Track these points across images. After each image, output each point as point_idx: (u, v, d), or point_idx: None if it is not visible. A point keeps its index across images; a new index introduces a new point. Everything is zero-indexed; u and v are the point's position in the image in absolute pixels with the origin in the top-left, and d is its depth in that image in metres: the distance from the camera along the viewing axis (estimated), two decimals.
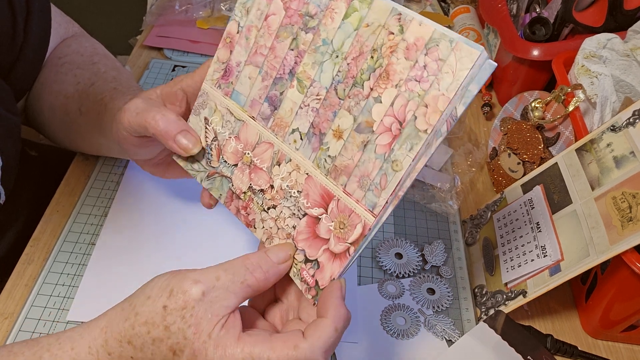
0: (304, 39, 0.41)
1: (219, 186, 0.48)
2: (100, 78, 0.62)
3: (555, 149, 0.67)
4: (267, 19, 0.43)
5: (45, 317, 0.54)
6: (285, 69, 0.42)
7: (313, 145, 0.41)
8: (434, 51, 0.34)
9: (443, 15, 1.00)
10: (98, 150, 0.64)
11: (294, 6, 0.41)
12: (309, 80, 0.41)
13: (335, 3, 0.39)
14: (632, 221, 0.50)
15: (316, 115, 0.41)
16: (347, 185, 0.39)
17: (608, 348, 0.59)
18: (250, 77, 0.44)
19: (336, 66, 0.39)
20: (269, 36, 0.43)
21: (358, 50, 0.38)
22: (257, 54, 0.44)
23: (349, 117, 0.39)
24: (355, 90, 0.38)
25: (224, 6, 0.92)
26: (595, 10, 0.74)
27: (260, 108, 0.44)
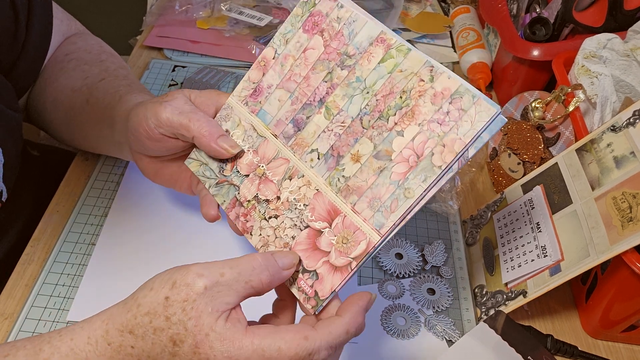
0: (339, 74, 0.45)
1: (224, 193, 0.49)
2: (110, 75, 0.62)
3: (556, 149, 0.67)
4: (305, 52, 0.47)
5: (45, 318, 0.54)
6: (316, 97, 0.46)
7: (329, 165, 0.44)
8: (458, 101, 0.39)
9: (443, 16, 1.00)
10: (97, 145, 0.63)
11: (334, 45, 0.46)
12: (337, 109, 0.44)
13: (373, 49, 0.43)
14: (632, 221, 0.50)
15: (337, 140, 0.44)
16: (357, 204, 0.42)
17: (608, 348, 0.59)
18: (280, 100, 0.48)
19: (365, 100, 0.43)
20: (305, 67, 0.47)
21: (389, 90, 0.42)
22: (291, 81, 0.48)
23: (370, 144, 0.42)
24: (380, 122, 0.42)
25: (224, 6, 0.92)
26: (595, 10, 0.74)
27: (285, 128, 0.47)
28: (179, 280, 0.37)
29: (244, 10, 0.92)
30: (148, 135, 0.50)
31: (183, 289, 0.37)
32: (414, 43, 0.96)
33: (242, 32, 0.92)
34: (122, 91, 0.59)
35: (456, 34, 0.94)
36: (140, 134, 0.50)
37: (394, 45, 0.42)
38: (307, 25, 0.47)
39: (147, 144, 0.51)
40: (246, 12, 0.92)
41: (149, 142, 0.51)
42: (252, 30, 0.92)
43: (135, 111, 0.51)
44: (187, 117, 0.48)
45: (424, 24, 0.97)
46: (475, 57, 0.88)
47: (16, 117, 0.59)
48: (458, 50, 0.93)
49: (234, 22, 0.92)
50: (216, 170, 0.51)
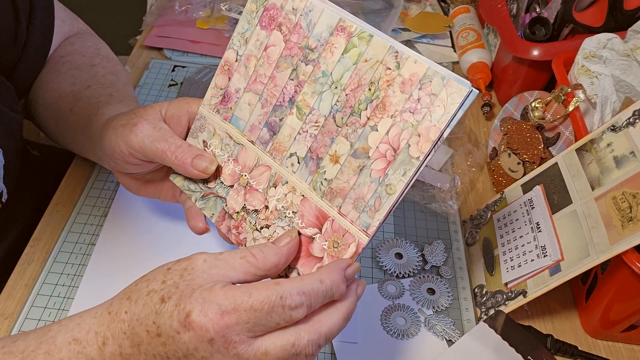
0: (304, 70, 0.43)
1: (212, 206, 0.49)
2: (96, 82, 0.62)
3: (555, 149, 0.67)
4: (267, 50, 0.45)
5: (45, 318, 0.54)
6: (285, 97, 0.44)
7: (310, 168, 0.43)
8: (428, 86, 0.37)
9: (443, 15, 1.00)
10: (83, 152, 0.63)
11: (293, 39, 0.44)
12: (308, 108, 0.43)
13: (335, 39, 0.41)
14: (632, 221, 0.50)
15: (314, 141, 0.43)
16: (342, 207, 0.41)
17: (608, 348, 0.59)
18: (249, 104, 0.47)
19: (335, 96, 0.42)
20: (269, 66, 0.45)
21: (356, 83, 0.41)
22: (257, 82, 0.46)
23: (346, 143, 0.41)
24: (353, 118, 0.41)
25: (224, 6, 0.92)
26: (595, 10, 0.74)
27: (260, 133, 0.46)
28: (183, 258, 0.40)
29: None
30: (124, 160, 0.50)
31: (185, 262, 0.39)
32: (414, 43, 0.96)
33: None
34: (101, 102, 0.58)
35: (456, 34, 0.94)
36: (117, 159, 0.51)
37: (354, 33, 0.40)
38: (263, 21, 0.45)
39: (125, 167, 0.52)
40: None
41: (127, 165, 0.51)
42: None
43: (107, 134, 0.51)
44: (156, 146, 0.48)
45: (423, 24, 0.97)
46: (475, 57, 0.88)
47: (17, 118, 0.58)
48: (458, 50, 0.93)
49: (233, 22, 0.92)
50: (200, 183, 0.50)
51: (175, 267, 0.39)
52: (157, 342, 0.37)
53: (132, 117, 0.50)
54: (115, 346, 0.38)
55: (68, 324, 0.40)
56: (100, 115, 0.56)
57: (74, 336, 0.39)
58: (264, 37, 0.45)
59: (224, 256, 0.39)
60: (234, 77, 0.47)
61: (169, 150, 0.48)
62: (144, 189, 0.56)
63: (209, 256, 0.39)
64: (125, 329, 0.38)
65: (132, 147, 0.49)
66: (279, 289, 0.36)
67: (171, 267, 0.39)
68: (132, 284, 0.40)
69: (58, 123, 0.62)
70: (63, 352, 0.38)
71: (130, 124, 0.49)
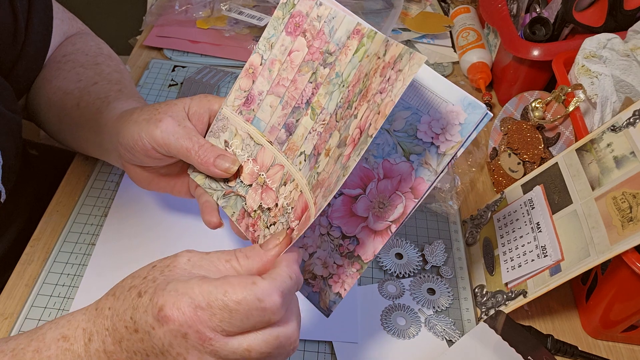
0: (322, 72, 0.45)
1: (232, 204, 0.50)
2: (103, 79, 0.62)
3: (556, 149, 0.67)
4: (291, 54, 0.47)
5: (45, 318, 0.54)
6: (303, 99, 0.46)
7: (311, 164, 0.43)
8: (398, 64, 0.37)
9: (443, 15, 1.00)
10: (86, 148, 0.63)
11: (316, 44, 0.45)
12: (319, 108, 0.44)
13: (350, 42, 0.43)
14: (632, 221, 0.50)
15: (319, 139, 0.43)
16: (317, 197, 0.41)
17: (608, 348, 0.59)
18: (271, 106, 0.48)
19: (340, 94, 0.43)
20: (292, 70, 0.47)
21: (357, 78, 0.41)
22: (280, 85, 0.47)
23: (337, 135, 0.41)
24: (348, 112, 0.41)
25: (224, 6, 0.92)
26: (595, 10, 0.74)
27: (278, 134, 0.47)
28: (170, 256, 0.39)
29: (244, 10, 0.92)
30: (146, 153, 0.50)
31: (170, 259, 0.39)
32: (414, 43, 0.96)
33: (241, 32, 0.92)
34: (111, 97, 0.58)
35: (456, 34, 0.94)
36: (137, 152, 0.51)
37: (365, 34, 0.42)
38: (289, 27, 0.47)
39: (144, 160, 0.52)
40: (246, 12, 0.92)
41: (147, 159, 0.52)
42: (251, 30, 0.92)
43: (126, 127, 0.51)
44: (181, 143, 0.49)
45: (424, 24, 0.97)
46: (475, 57, 0.88)
47: (16, 118, 0.58)
48: (458, 50, 0.93)
49: (233, 22, 0.92)
50: (222, 182, 0.51)
51: (159, 265, 0.39)
52: (135, 338, 0.36)
53: (154, 112, 0.50)
54: (99, 342, 0.37)
55: (59, 321, 0.40)
56: (111, 109, 0.56)
57: (63, 333, 0.38)
58: (288, 43, 0.47)
59: (209, 256, 0.39)
60: (258, 80, 0.49)
61: (193, 149, 0.49)
62: (156, 182, 0.56)
63: (194, 255, 0.39)
64: (108, 325, 0.37)
65: (156, 142, 0.49)
66: (257, 290, 0.35)
67: (156, 265, 0.39)
68: (122, 279, 0.40)
69: (62, 120, 0.62)
70: (52, 349, 0.38)
71: (154, 119, 0.50)
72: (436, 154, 0.41)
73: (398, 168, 0.42)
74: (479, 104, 0.39)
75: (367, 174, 0.42)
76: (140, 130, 0.50)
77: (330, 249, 0.44)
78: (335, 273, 0.45)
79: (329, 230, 0.44)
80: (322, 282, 0.45)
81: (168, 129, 0.49)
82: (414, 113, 0.41)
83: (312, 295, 0.46)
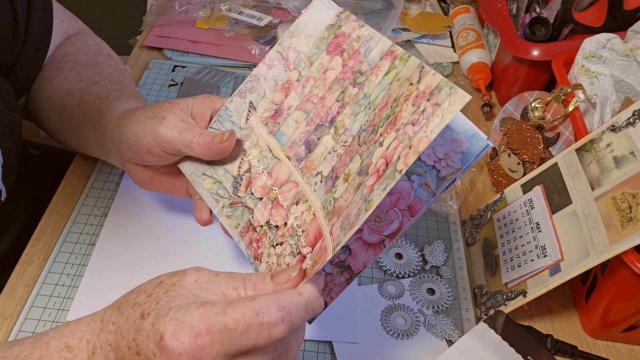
0: (350, 92, 0.44)
1: (239, 215, 0.49)
2: (104, 78, 0.62)
3: (555, 149, 0.67)
4: (325, 73, 0.47)
5: (45, 318, 0.54)
6: (328, 117, 0.45)
7: (327, 187, 0.43)
8: (436, 97, 0.36)
9: (443, 16, 1.00)
10: (87, 148, 0.63)
11: (350, 64, 0.45)
12: (343, 129, 0.44)
13: (382, 62, 0.43)
14: (632, 221, 0.50)
15: (338, 161, 0.43)
16: (334, 226, 0.39)
17: (608, 348, 0.59)
18: (297, 121, 0.47)
19: (366, 116, 0.42)
20: (323, 87, 0.46)
21: (385, 102, 0.41)
22: (308, 102, 0.47)
23: (359, 161, 0.41)
24: (372, 137, 0.40)
25: (224, 6, 0.92)
26: (595, 10, 0.74)
27: (298, 150, 0.47)
28: (179, 272, 0.38)
29: (244, 10, 0.92)
30: (149, 151, 0.50)
31: (177, 276, 0.38)
32: (413, 43, 0.96)
33: (241, 32, 0.92)
34: (112, 96, 0.58)
35: (456, 34, 0.94)
36: (139, 149, 0.51)
37: (398, 55, 0.41)
38: (330, 46, 0.47)
39: (146, 158, 0.52)
40: (246, 12, 0.92)
41: (150, 157, 0.51)
42: (252, 30, 0.92)
43: (128, 126, 0.51)
44: (186, 135, 0.49)
45: (423, 24, 0.97)
46: (475, 57, 0.88)
47: (15, 117, 0.58)
48: (458, 50, 0.93)
49: (233, 22, 0.92)
50: (230, 190, 0.50)
51: (166, 282, 0.38)
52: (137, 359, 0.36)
53: (158, 110, 0.51)
54: (102, 357, 0.37)
55: (63, 329, 0.39)
56: (112, 109, 0.56)
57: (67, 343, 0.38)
58: (326, 62, 0.47)
59: (218, 280, 0.38)
60: (291, 95, 0.48)
61: (195, 138, 0.49)
62: (157, 182, 0.56)
63: (203, 276, 0.38)
64: (112, 341, 0.37)
65: (160, 139, 0.49)
66: (255, 305, 0.34)
67: (163, 281, 0.38)
68: (127, 292, 0.39)
69: (62, 120, 0.62)
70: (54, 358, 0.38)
71: (158, 117, 0.50)
72: (436, 177, 0.41)
73: (399, 186, 0.42)
74: (481, 136, 0.39)
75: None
76: (144, 128, 0.50)
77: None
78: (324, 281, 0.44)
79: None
80: None
81: (172, 124, 0.49)
82: None
83: None
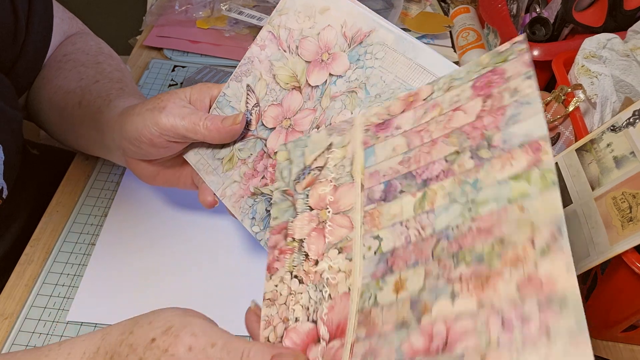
0: (463, 160, 0.34)
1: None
2: (105, 77, 0.62)
3: (555, 149, 0.67)
4: (456, 111, 0.36)
5: (45, 318, 0.54)
6: (425, 174, 0.35)
7: (377, 271, 0.35)
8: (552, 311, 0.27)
9: (443, 16, 1.00)
10: (88, 147, 0.64)
11: (486, 120, 0.34)
12: (430, 206, 0.34)
13: (519, 153, 0.31)
14: (632, 221, 0.50)
15: (402, 248, 0.34)
16: (357, 343, 0.33)
17: (608, 348, 0.59)
18: (394, 149, 0.38)
19: (459, 219, 0.32)
20: (443, 129, 0.36)
21: (489, 225, 0.30)
22: (418, 135, 0.37)
23: (420, 282, 0.32)
24: (449, 262, 0.31)
25: (224, 6, 0.92)
26: (595, 10, 0.74)
27: (375, 185, 0.38)
28: (173, 329, 0.36)
29: (244, 10, 0.92)
30: (152, 143, 0.50)
31: (171, 340, 0.36)
32: None
33: (242, 32, 0.92)
34: (113, 95, 0.59)
35: (456, 34, 0.94)
36: (142, 142, 0.51)
37: (542, 166, 0.30)
38: (480, 80, 0.36)
39: (150, 151, 0.52)
40: (246, 12, 0.92)
41: (153, 149, 0.51)
42: (252, 30, 0.92)
43: (129, 121, 0.51)
44: (190, 118, 0.49)
45: (423, 24, 0.97)
46: (475, 57, 0.88)
47: (16, 115, 0.59)
48: (458, 50, 0.93)
49: (233, 22, 0.92)
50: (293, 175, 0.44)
51: (159, 344, 0.36)
52: None
53: (157, 101, 0.51)
54: None
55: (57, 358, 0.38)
56: (113, 107, 0.56)
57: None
58: (464, 97, 0.36)
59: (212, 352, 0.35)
60: (407, 113, 0.39)
61: (201, 120, 0.49)
62: (162, 175, 0.56)
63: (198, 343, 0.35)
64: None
65: (162, 128, 0.49)
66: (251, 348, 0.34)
67: (155, 340, 0.36)
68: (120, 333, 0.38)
69: (63, 119, 0.62)
70: None
71: (158, 107, 0.50)
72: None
73: None
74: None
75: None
76: (145, 120, 0.50)
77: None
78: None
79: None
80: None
81: (173, 112, 0.49)
82: None
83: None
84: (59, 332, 0.53)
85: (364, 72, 0.44)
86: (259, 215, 0.48)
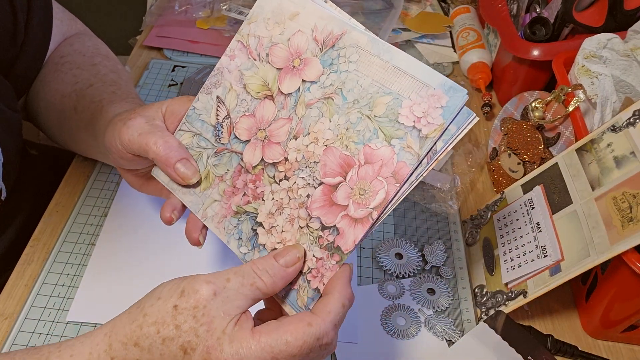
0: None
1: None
2: (99, 80, 0.62)
3: (556, 149, 0.67)
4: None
5: (45, 318, 0.54)
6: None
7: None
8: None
9: (443, 16, 1.00)
10: (86, 151, 0.63)
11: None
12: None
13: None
14: (632, 221, 0.50)
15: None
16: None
17: (608, 348, 0.59)
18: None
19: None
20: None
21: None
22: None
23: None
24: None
25: (224, 6, 0.92)
26: (595, 10, 0.74)
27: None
28: (187, 289, 0.37)
29: (244, 10, 0.92)
30: (120, 155, 0.50)
31: (192, 296, 0.37)
32: (414, 43, 0.96)
33: None
34: (105, 100, 0.58)
35: (456, 34, 0.94)
36: (113, 153, 0.50)
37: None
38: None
39: (121, 162, 0.51)
40: (246, 12, 0.91)
41: (123, 161, 0.51)
42: None
43: (108, 130, 0.50)
44: (144, 139, 0.47)
45: (424, 24, 0.97)
46: (475, 57, 0.88)
47: (15, 116, 0.59)
48: (458, 50, 0.92)
49: (233, 22, 0.92)
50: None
51: (184, 306, 0.37)
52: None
53: (131, 113, 0.50)
54: None
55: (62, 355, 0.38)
56: (104, 114, 0.56)
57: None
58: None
59: (232, 284, 0.38)
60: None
61: (155, 143, 0.47)
62: (146, 186, 0.56)
63: (216, 286, 0.37)
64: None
65: (122, 141, 0.48)
66: (314, 331, 0.37)
67: (178, 305, 0.37)
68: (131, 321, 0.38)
69: (61, 123, 0.62)
70: None
71: (126, 119, 0.49)
72: (418, 137, 0.40)
73: (379, 153, 0.41)
74: (459, 88, 0.38)
75: (348, 161, 0.41)
76: (114, 131, 0.49)
77: (310, 242, 0.42)
78: (315, 267, 0.43)
79: (307, 222, 0.43)
80: (301, 278, 0.43)
81: (134, 126, 0.47)
82: (395, 98, 0.40)
83: (290, 292, 0.44)
84: (59, 332, 0.53)
85: (339, 77, 0.43)
86: (245, 235, 0.46)
